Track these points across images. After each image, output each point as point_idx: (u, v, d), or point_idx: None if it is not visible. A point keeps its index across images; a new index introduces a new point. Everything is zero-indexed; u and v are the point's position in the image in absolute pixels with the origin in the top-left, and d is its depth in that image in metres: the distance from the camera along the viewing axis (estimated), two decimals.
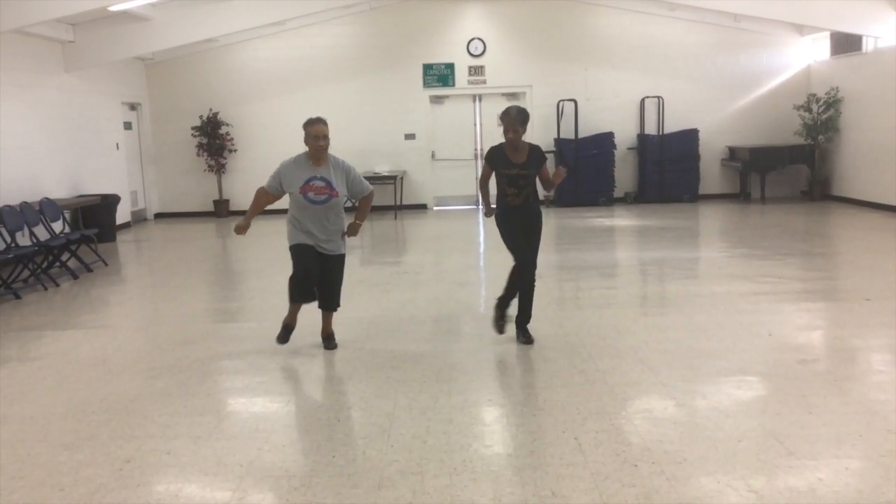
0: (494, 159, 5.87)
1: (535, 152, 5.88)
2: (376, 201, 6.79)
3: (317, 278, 5.83)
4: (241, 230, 5.95)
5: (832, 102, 14.14)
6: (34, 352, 6.33)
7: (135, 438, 4.35)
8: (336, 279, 5.95)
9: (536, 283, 6.00)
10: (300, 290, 5.80)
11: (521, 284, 5.91)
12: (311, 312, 6.15)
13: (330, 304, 6.02)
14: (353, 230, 5.90)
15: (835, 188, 14.61)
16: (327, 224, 5.75)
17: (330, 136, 5.75)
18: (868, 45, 13.41)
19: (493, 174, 5.96)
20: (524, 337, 5.99)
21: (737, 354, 5.55)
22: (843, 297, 7.49)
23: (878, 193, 13.05)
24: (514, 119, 5.73)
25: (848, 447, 3.93)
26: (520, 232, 5.89)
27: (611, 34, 15.31)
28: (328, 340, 6.07)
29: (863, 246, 10.04)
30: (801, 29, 14.95)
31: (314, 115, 5.79)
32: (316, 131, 5.66)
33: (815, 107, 14.34)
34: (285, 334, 6.01)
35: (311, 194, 5.68)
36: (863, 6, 12.15)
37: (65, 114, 12.30)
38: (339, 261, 5.92)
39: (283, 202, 5.93)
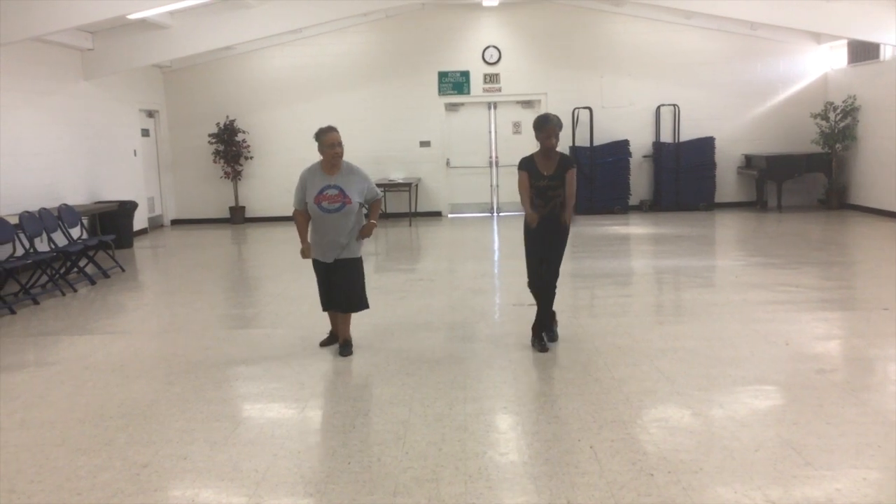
0: (527, 169, 5.86)
1: (564, 161, 5.85)
2: (391, 208, 6.85)
3: (333, 284, 6.00)
4: (305, 254, 6.05)
5: (849, 110, 14.07)
6: (52, 357, 6.38)
7: (151, 444, 4.38)
8: (352, 282, 6.00)
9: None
10: (323, 302, 6.16)
11: (540, 295, 6.01)
12: (326, 321, 6.19)
13: (347, 306, 6.07)
14: (367, 230, 5.99)
15: (852, 197, 14.51)
16: (338, 231, 5.83)
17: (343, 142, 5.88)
18: (886, 53, 13.34)
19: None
20: (539, 345, 5.99)
21: (754, 364, 5.52)
22: (861, 306, 7.43)
23: (895, 202, 12.95)
24: (555, 125, 5.73)
25: (866, 458, 3.90)
26: (539, 247, 5.91)
27: (626, 42, 15.30)
28: (344, 347, 6.08)
29: (881, 255, 9.96)
30: (818, 37, 14.87)
31: (324, 125, 5.90)
32: (331, 139, 5.76)
33: (832, 115, 14.26)
34: (328, 340, 6.30)
35: (324, 203, 5.77)
36: (880, 14, 12.07)
37: (83, 121, 12.42)
38: (354, 264, 6.00)
39: None
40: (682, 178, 15.09)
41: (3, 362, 6.21)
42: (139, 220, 13.76)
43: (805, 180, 15.01)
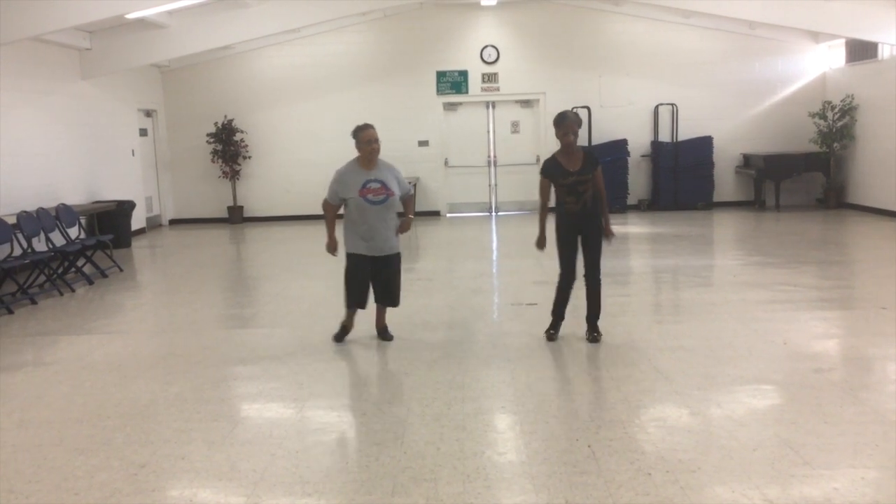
0: (551, 171, 5.92)
1: (590, 157, 5.93)
2: None
3: (374, 278, 6.15)
4: (332, 249, 6.20)
5: (847, 110, 14.07)
6: (50, 357, 6.38)
7: (149, 444, 4.37)
8: (393, 276, 6.21)
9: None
10: (353, 299, 6.17)
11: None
12: (328, 319, 6.18)
13: (388, 299, 6.28)
14: (405, 226, 6.20)
15: (850, 196, 14.52)
16: (385, 223, 6.02)
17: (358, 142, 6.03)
18: (884, 52, 13.35)
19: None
20: (592, 335, 6.10)
21: (752, 363, 5.52)
22: (859, 305, 7.43)
23: (894, 201, 12.95)
24: (574, 122, 5.81)
25: (864, 457, 3.90)
26: (574, 242, 5.98)
27: (625, 41, 15.29)
28: (384, 333, 6.34)
29: (879, 254, 9.97)
30: (816, 36, 14.87)
31: (360, 123, 6.09)
32: (368, 136, 5.96)
33: (830, 114, 14.26)
34: (342, 334, 6.31)
35: (370, 196, 5.94)
36: (879, 13, 12.07)
37: (81, 120, 12.40)
38: (395, 259, 6.20)
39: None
40: (680, 178, 15.09)
41: (1, 362, 6.21)
42: (137, 220, 13.74)
43: (803, 179, 15.02)
